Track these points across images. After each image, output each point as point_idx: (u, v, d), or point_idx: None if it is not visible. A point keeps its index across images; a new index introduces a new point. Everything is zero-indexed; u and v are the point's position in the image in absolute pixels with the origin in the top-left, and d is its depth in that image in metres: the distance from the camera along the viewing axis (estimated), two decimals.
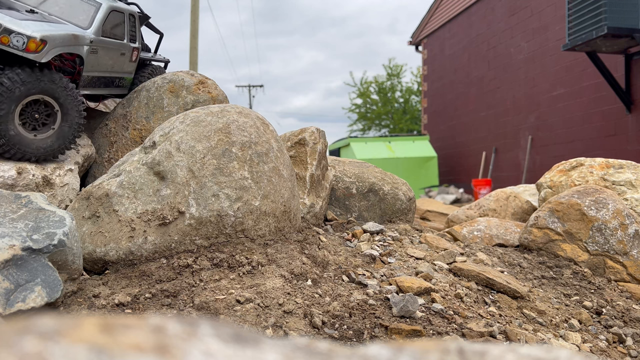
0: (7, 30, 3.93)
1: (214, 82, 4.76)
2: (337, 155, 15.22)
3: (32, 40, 3.93)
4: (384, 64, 35.52)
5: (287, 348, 0.51)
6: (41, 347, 0.42)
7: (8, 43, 3.89)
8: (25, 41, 3.91)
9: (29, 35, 3.92)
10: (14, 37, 3.89)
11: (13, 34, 3.90)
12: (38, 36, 3.96)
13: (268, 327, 2.49)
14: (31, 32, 3.94)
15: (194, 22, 15.10)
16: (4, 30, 3.91)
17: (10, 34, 3.91)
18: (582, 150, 10.82)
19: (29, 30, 3.95)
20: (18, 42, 3.89)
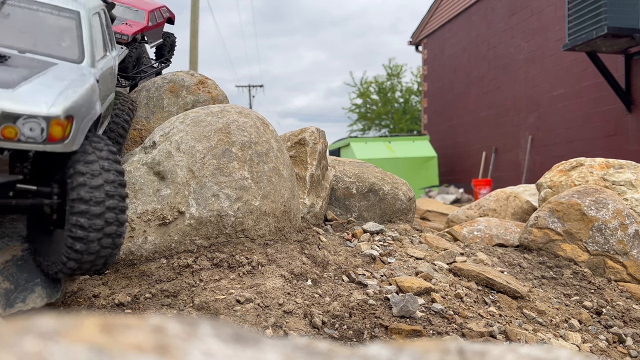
0: (9, 116, 2.34)
1: (214, 82, 4.77)
2: (337, 155, 15.22)
3: (55, 121, 2.39)
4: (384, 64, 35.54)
5: (287, 348, 0.51)
6: (41, 347, 0.42)
7: (17, 137, 2.36)
8: (45, 127, 2.38)
9: (46, 115, 2.38)
10: (25, 125, 2.36)
11: (22, 120, 2.35)
12: (61, 112, 2.42)
13: (268, 327, 2.49)
14: (47, 107, 2.41)
15: (194, 22, 15.11)
16: (3, 116, 2.33)
17: (17, 121, 2.35)
18: (582, 150, 10.82)
19: (42, 104, 2.41)
20: (34, 132, 2.37)
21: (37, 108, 2.39)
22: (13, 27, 3.05)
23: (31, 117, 2.35)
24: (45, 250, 2.73)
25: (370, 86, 27.82)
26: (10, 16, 3.07)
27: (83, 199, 2.42)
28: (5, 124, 2.33)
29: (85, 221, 2.42)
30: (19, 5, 3.13)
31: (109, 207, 2.46)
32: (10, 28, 3.04)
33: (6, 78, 2.52)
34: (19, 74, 2.62)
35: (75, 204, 2.42)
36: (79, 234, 2.42)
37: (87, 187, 2.44)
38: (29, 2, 3.17)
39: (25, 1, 3.16)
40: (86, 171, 2.46)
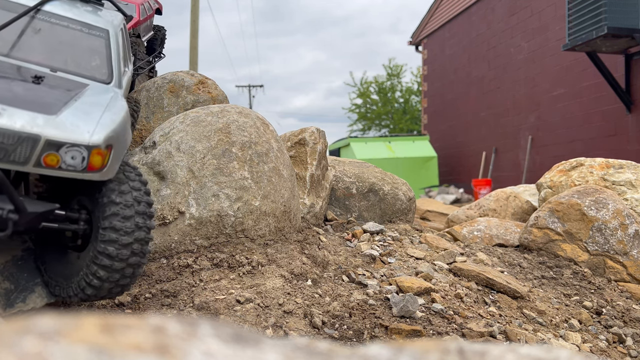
0: (52, 144, 2.32)
1: (214, 82, 4.76)
2: (337, 155, 15.22)
3: (97, 150, 2.39)
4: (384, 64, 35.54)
5: (287, 348, 0.51)
6: (41, 347, 0.42)
7: (58, 165, 2.34)
8: (86, 156, 2.36)
9: (88, 144, 2.37)
10: (68, 153, 2.34)
11: (65, 148, 2.33)
12: (102, 142, 2.40)
13: (268, 327, 2.49)
14: (89, 135, 2.39)
15: (194, 22, 15.11)
16: (47, 144, 2.31)
17: (60, 149, 2.33)
18: (582, 150, 10.82)
19: (85, 132, 2.39)
20: (75, 160, 2.35)
21: (80, 137, 2.38)
22: (44, 43, 3.02)
23: (74, 145, 2.35)
24: (57, 270, 2.71)
25: (370, 86, 27.82)
26: (41, 31, 3.04)
27: (115, 228, 2.43)
28: (48, 151, 2.32)
29: (113, 250, 2.43)
30: (50, 20, 3.09)
31: (137, 238, 2.48)
32: (41, 44, 3.01)
33: (47, 102, 2.49)
34: (58, 97, 2.59)
35: (107, 232, 2.43)
36: (105, 262, 2.44)
37: (119, 216, 2.45)
38: (60, 18, 3.13)
39: (56, 16, 3.12)
40: (120, 201, 2.47)
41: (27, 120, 2.30)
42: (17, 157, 2.28)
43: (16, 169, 2.32)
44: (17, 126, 2.27)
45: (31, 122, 2.31)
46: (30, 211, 2.33)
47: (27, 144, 2.28)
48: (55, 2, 3.17)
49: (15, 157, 2.28)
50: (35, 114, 2.34)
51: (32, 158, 2.30)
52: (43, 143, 2.31)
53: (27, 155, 2.29)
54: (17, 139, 2.27)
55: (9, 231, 2.28)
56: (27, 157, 2.30)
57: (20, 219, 2.30)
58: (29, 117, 2.32)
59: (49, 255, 2.78)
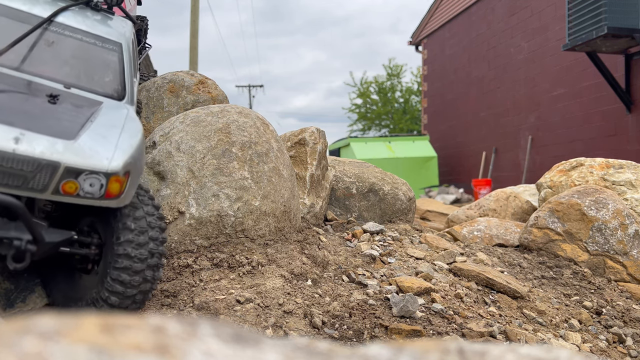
0: (72, 171, 2.26)
1: (214, 82, 4.76)
2: (337, 155, 15.22)
3: (115, 177, 2.33)
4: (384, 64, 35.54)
5: (287, 348, 0.51)
6: (41, 347, 0.42)
7: (76, 192, 2.28)
8: (104, 183, 2.31)
9: (107, 171, 2.31)
10: (86, 181, 2.28)
11: (84, 175, 2.27)
12: (121, 169, 2.36)
13: (268, 327, 2.49)
14: (108, 162, 2.33)
15: (194, 22, 15.11)
16: (66, 172, 2.25)
17: (79, 176, 2.27)
18: (582, 150, 10.82)
19: (104, 159, 2.33)
20: (93, 187, 2.29)
21: (99, 163, 2.31)
22: (58, 57, 2.92)
23: (93, 172, 2.29)
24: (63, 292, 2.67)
25: (370, 86, 27.82)
26: (54, 44, 2.94)
27: (129, 256, 2.39)
28: (67, 179, 2.25)
29: (127, 277, 2.40)
30: (63, 32, 2.99)
31: (150, 265, 2.45)
32: (54, 58, 2.91)
33: (65, 125, 2.41)
34: (75, 119, 2.50)
35: (120, 259, 2.39)
36: (118, 289, 2.40)
37: (133, 243, 2.41)
38: (73, 30, 3.03)
39: (69, 28, 3.02)
40: (134, 227, 2.43)
41: (46, 146, 2.22)
42: (36, 184, 2.20)
43: (34, 196, 2.24)
44: (36, 152, 2.19)
45: (50, 148, 2.23)
46: (48, 241, 2.26)
47: (46, 171, 2.20)
48: (68, 12, 3.07)
49: (34, 184, 2.20)
50: (54, 139, 2.27)
51: (51, 185, 2.23)
52: (62, 170, 2.23)
53: (45, 183, 2.22)
54: (37, 166, 2.19)
55: (26, 263, 2.19)
56: (45, 184, 2.22)
57: (38, 250, 2.23)
58: (48, 142, 2.24)
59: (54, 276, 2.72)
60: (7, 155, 2.14)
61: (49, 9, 3.01)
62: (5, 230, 2.17)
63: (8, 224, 2.21)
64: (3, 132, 2.17)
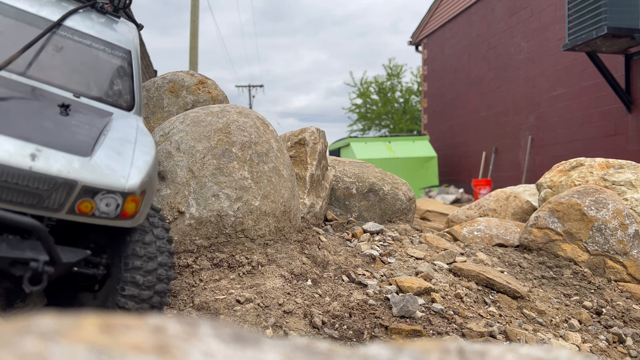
0: (89, 191, 2.18)
1: (214, 82, 4.76)
2: (337, 155, 15.22)
3: (132, 197, 2.26)
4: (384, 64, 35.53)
5: (287, 348, 0.51)
6: (41, 347, 0.42)
7: (92, 212, 2.20)
8: (121, 203, 2.23)
9: (124, 190, 2.24)
10: (103, 200, 2.20)
11: (100, 195, 2.19)
12: (137, 188, 2.28)
13: (268, 327, 2.49)
14: (125, 181, 2.26)
15: (194, 22, 15.11)
16: (83, 191, 2.16)
17: (95, 196, 2.19)
18: (582, 150, 10.82)
19: (121, 177, 2.25)
20: (109, 207, 2.21)
21: (116, 182, 2.22)
22: (66, 63, 2.79)
23: (110, 192, 2.20)
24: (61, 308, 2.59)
25: (370, 86, 27.82)
26: (63, 50, 2.80)
27: (136, 283, 2.31)
28: (83, 198, 2.16)
29: (133, 305, 2.32)
30: (72, 37, 2.87)
31: (157, 291, 2.38)
32: (63, 64, 2.77)
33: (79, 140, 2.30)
34: (89, 133, 2.40)
35: (128, 287, 2.32)
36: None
37: (142, 270, 2.33)
38: (83, 35, 2.90)
39: (78, 33, 2.89)
40: (143, 254, 2.35)
41: (63, 164, 2.13)
42: (51, 203, 2.11)
43: (49, 215, 2.14)
44: (53, 171, 2.10)
45: (67, 166, 2.14)
46: (64, 262, 2.16)
47: (62, 190, 2.11)
48: (75, 16, 2.94)
49: (49, 203, 2.11)
50: (70, 156, 2.17)
51: (67, 205, 2.14)
52: (79, 189, 2.14)
53: (61, 202, 2.13)
54: (53, 185, 2.10)
55: (43, 285, 2.10)
56: (61, 203, 2.13)
57: (55, 271, 2.14)
58: (65, 160, 2.14)
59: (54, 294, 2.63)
60: (23, 173, 2.04)
61: (57, 11, 2.88)
62: (20, 251, 2.08)
63: (22, 243, 2.12)
64: (19, 148, 2.07)
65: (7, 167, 2.02)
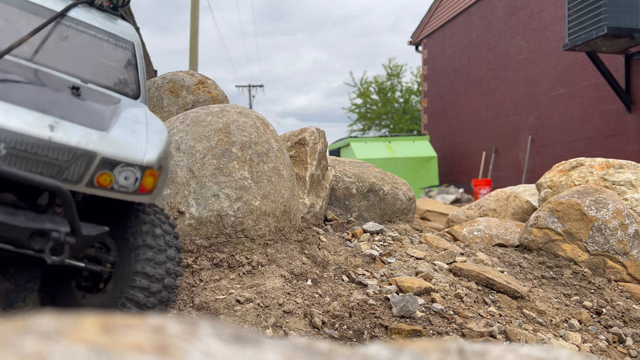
0: (108, 163, 2.16)
1: (214, 82, 4.76)
2: (337, 155, 15.22)
3: (150, 171, 2.25)
4: (384, 64, 35.53)
5: (287, 348, 0.51)
6: (41, 347, 0.42)
7: (111, 185, 2.17)
8: (139, 177, 2.21)
9: (142, 164, 2.22)
10: (122, 173, 2.18)
11: (119, 168, 2.17)
12: (155, 162, 2.27)
13: (268, 327, 2.49)
14: (143, 155, 2.23)
15: (194, 22, 15.11)
16: (102, 162, 2.14)
17: (114, 168, 2.17)
18: (582, 150, 10.82)
19: (138, 151, 2.23)
20: (128, 181, 2.19)
21: (135, 156, 2.20)
22: (73, 51, 2.77)
23: (129, 165, 2.18)
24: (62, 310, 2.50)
25: (370, 86, 27.82)
26: (68, 39, 2.79)
27: (147, 275, 2.28)
28: (102, 170, 2.13)
29: (143, 298, 2.28)
30: (77, 27, 2.86)
31: (166, 285, 2.34)
32: (70, 52, 2.76)
33: (95, 116, 2.29)
34: (103, 111, 2.38)
35: (139, 278, 2.27)
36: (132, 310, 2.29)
37: (152, 262, 2.29)
38: (87, 26, 2.90)
39: (83, 24, 2.89)
40: (154, 245, 2.32)
41: (82, 136, 2.11)
42: (70, 175, 2.09)
43: (68, 188, 2.09)
44: (72, 141, 2.08)
45: (86, 138, 2.11)
46: (85, 234, 2.13)
47: (82, 161, 2.10)
48: (78, 9, 2.94)
49: (69, 175, 2.08)
50: (88, 130, 2.14)
51: (86, 177, 2.11)
52: (99, 161, 2.12)
53: (80, 174, 2.10)
54: (72, 156, 2.08)
55: (65, 256, 2.07)
56: (80, 175, 2.10)
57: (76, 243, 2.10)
58: (83, 132, 2.12)
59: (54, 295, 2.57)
60: (42, 143, 2.01)
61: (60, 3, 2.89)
62: (39, 222, 2.05)
63: (40, 217, 2.10)
64: (37, 119, 2.05)
65: (26, 137, 2.00)
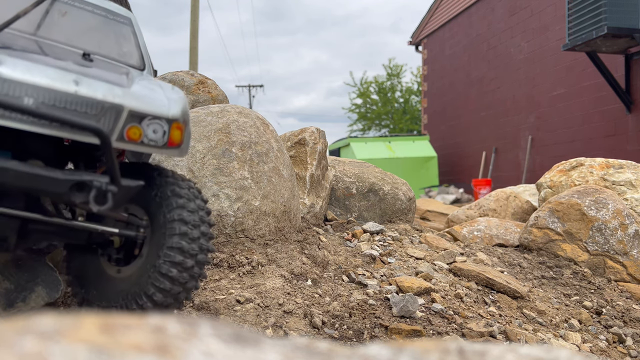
0: (135, 116, 2.15)
1: (214, 82, 4.76)
2: (337, 155, 15.22)
3: (176, 124, 2.24)
4: (384, 64, 35.53)
5: (287, 348, 0.51)
6: (41, 347, 0.42)
7: (140, 139, 2.16)
8: (167, 129, 2.20)
9: (168, 116, 2.21)
10: (150, 126, 2.17)
11: (147, 120, 2.17)
12: (180, 115, 2.26)
13: (268, 327, 2.49)
14: (167, 108, 2.23)
15: (194, 22, 15.11)
16: (130, 115, 2.13)
17: (142, 121, 2.16)
18: (582, 150, 10.82)
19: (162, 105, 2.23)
20: (156, 134, 2.18)
21: (160, 109, 2.18)
22: (74, 26, 2.72)
23: (156, 117, 2.16)
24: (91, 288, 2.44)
25: (370, 86, 27.83)
26: (68, 14, 2.74)
27: (182, 250, 2.21)
28: (131, 124, 2.11)
29: (176, 273, 2.20)
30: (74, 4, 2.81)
31: (198, 261, 2.28)
32: (71, 27, 2.71)
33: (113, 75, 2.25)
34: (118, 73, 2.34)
35: (173, 253, 2.21)
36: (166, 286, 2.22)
37: (187, 237, 2.23)
38: (84, 3, 2.86)
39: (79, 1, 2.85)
40: (189, 220, 2.26)
41: (107, 90, 2.08)
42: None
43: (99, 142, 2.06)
44: (98, 95, 2.05)
45: (111, 92, 2.09)
46: (124, 184, 2.10)
47: (110, 114, 2.07)
48: None
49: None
50: (111, 85, 2.11)
51: (115, 131, 2.09)
52: (126, 114, 2.09)
53: (110, 128, 2.07)
54: (100, 109, 2.05)
55: (109, 205, 2.03)
56: (110, 129, 2.07)
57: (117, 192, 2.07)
58: (107, 87, 2.09)
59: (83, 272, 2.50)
60: (70, 98, 2.00)
61: None
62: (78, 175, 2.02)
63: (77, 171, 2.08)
64: (61, 74, 2.01)
65: (54, 91, 1.97)
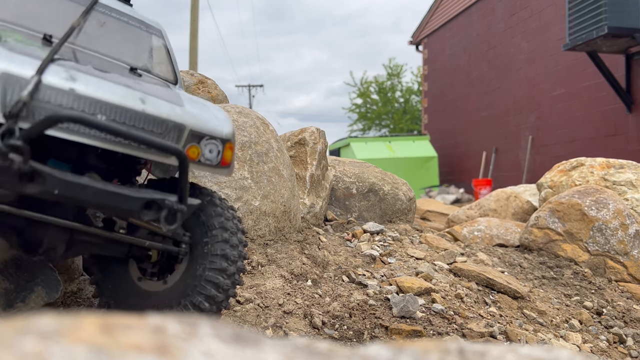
0: (195, 135, 2.16)
1: (213, 82, 4.76)
2: (337, 155, 15.21)
3: (229, 144, 2.26)
4: (384, 64, 35.54)
5: (287, 348, 0.51)
6: (41, 347, 0.42)
7: (198, 158, 2.18)
8: (221, 149, 2.22)
9: (222, 137, 2.23)
10: (207, 146, 2.18)
11: (205, 140, 2.18)
12: (232, 135, 2.30)
13: (268, 328, 2.49)
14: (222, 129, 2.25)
15: (194, 22, 15.11)
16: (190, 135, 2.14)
17: (200, 141, 2.17)
18: (583, 150, 10.81)
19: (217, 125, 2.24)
20: (212, 154, 2.20)
21: (216, 129, 2.21)
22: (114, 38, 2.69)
23: (212, 137, 2.19)
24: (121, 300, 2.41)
25: (371, 86, 27.82)
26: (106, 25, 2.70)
27: (226, 256, 2.22)
28: (191, 143, 2.13)
29: (221, 279, 2.21)
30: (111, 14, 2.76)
31: (239, 268, 2.28)
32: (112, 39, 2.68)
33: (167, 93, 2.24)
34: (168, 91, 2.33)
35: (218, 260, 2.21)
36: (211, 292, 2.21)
37: (229, 244, 2.24)
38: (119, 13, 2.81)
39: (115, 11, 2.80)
40: (229, 227, 2.27)
41: (170, 109, 2.09)
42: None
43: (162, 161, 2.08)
44: (163, 114, 2.06)
45: (173, 111, 2.10)
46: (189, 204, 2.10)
47: (173, 133, 2.08)
48: None
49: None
50: (170, 104, 2.12)
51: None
52: (187, 133, 2.11)
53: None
54: (165, 128, 2.06)
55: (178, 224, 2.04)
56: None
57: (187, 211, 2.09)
58: (169, 106, 2.10)
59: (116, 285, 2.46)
60: (138, 115, 2.00)
61: None
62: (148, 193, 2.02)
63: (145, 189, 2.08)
64: (128, 92, 2.01)
65: (124, 109, 1.97)
